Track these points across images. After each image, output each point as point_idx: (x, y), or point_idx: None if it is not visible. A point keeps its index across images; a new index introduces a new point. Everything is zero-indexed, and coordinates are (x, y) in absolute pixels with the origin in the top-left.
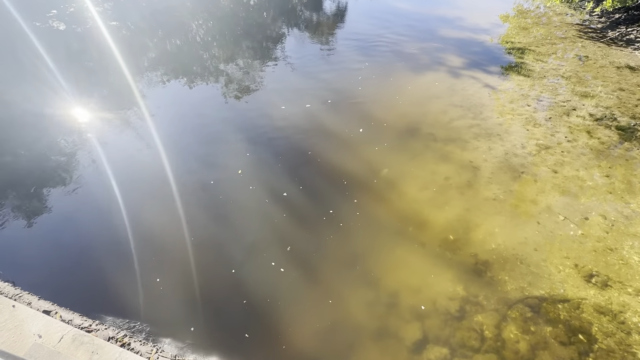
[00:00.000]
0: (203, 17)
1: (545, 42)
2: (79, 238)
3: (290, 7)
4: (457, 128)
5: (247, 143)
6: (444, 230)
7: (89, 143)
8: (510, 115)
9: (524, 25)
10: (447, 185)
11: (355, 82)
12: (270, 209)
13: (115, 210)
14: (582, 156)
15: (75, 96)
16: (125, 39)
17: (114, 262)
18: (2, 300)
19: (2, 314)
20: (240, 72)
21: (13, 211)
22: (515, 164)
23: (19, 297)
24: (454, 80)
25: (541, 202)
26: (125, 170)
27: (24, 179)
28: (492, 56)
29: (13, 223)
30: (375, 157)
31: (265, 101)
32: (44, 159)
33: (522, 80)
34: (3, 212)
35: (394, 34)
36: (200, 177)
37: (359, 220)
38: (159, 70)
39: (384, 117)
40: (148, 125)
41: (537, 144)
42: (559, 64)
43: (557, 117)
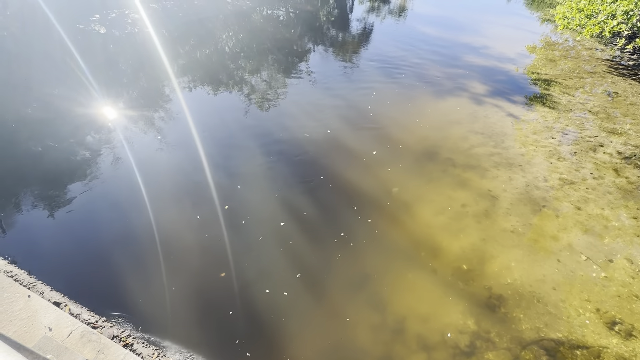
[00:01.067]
0: (233, 30)
1: (572, 76)
2: (96, 232)
3: (317, 25)
4: (477, 155)
5: (263, 153)
6: (457, 258)
7: (114, 140)
8: (534, 147)
9: (551, 57)
10: (463, 212)
11: (376, 101)
12: (282, 223)
13: (135, 208)
14: (608, 195)
15: (105, 95)
16: (159, 45)
17: (128, 259)
18: (19, 290)
19: (17, 303)
20: (264, 83)
21: (36, 200)
22: (536, 197)
23: (33, 286)
24: (476, 107)
25: (562, 239)
26: (146, 168)
27: (51, 169)
28: (517, 86)
29: (35, 212)
30: (391, 178)
31: (284, 113)
32: (72, 152)
33: (547, 112)
34: (27, 201)
35: (418, 57)
36: (216, 183)
37: (371, 240)
38: (187, 76)
39: (403, 138)
40: (171, 127)
41: (560, 178)
42: (587, 99)
43: (583, 152)
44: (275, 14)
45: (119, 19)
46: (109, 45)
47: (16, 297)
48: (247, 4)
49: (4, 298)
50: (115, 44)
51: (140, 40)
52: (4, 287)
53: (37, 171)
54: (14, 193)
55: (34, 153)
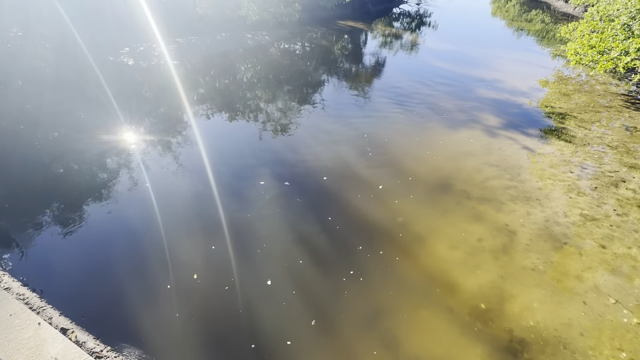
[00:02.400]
0: (252, 62)
1: (588, 110)
2: (109, 257)
3: (332, 58)
4: (492, 188)
5: (275, 180)
6: (475, 296)
7: (133, 165)
8: (551, 181)
9: (564, 91)
10: (479, 247)
11: (389, 132)
12: (291, 251)
13: (148, 235)
14: (635, 233)
15: (128, 122)
16: (182, 75)
17: (137, 287)
18: (30, 317)
19: (27, 330)
20: (279, 112)
21: (53, 221)
22: (556, 233)
23: (43, 310)
24: (490, 139)
25: (587, 279)
26: (162, 193)
27: (70, 191)
28: (531, 119)
29: (51, 233)
30: (403, 209)
31: (298, 141)
32: (92, 175)
33: (563, 146)
34: (44, 222)
35: (430, 89)
36: (229, 211)
37: (383, 273)
38: (206, 104)
39: (416, 169)
40: (188, 152)
41: (581, 214)
42: (604, 132)
43: (604, 187)
44: (292, 48)
45: (146, 52)
46: (136, 75)
47: (27, 325)
48: (266, 38)
49: (15, 325)
50: (141, 74)
51: (164, 71)
52: (16, 313)
53: (57, 192)
54: (32, 213)
55: (56, 175)
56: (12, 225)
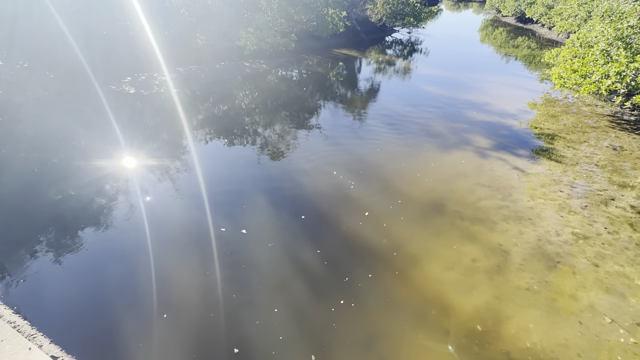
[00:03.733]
0: (250, 89)
1: (575, 130)
2: (101, 285)
3: (327, 84)
4: (485, 208)
5: (270, 203)
6: (471, 318)
7: (130, 191)
8: (542, 200)
9: (552, 113)
10: (474, 267)
11: (382, 154)
12: (283, 274)
13: (143, 263)
14: (627, 251)
15: (128, 147)
16: (181, 103)
17: (128, 315)
18: (20, 341)
19: (17, 356)
20: (276, 136)
21: (46, 248)
22: (550, 252)
23: (33, 338)
24: (481, 160)
25: (582, 298)
26: (157, 220)
27: (67, 217)
28: (521, 140)
29: (44, 260)
30: (397, 231)
31: (293, 165)
32: (89, 201)
33: (553, 165)
34: (38, 248)
35: (422, 113)
36: (225, 234)
37: (376, 296)
38: (205, 129)
39: (409, 190)
40: (186, 177)
41: (573, 233)
42: (592, 152)
43: (594, 205)
44: (288, 75)
45: (147, 81)
46: (137, 103)
47: (17, 350)
48: (264, 66)
49: (6, 350)
50: (142, 102)
51: (165, 99)
52: (7, 338)
53: (52, 218)
54: (26, 239)
55: (53, 201)
56: (5, 251)
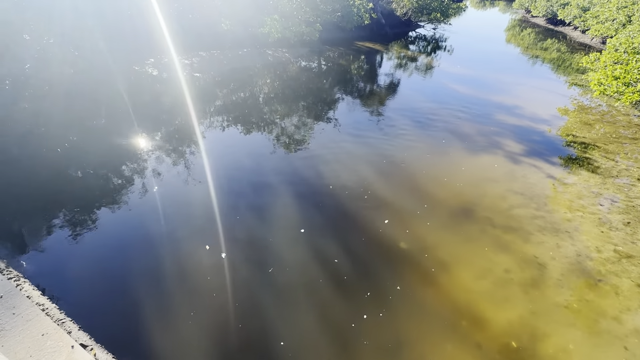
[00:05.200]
0: (271, 78)
1: (611, 140)
2: (125, 266)
3: (350, 77)
4: (517, 217)
5: (291, 197)
6: (504, 333)
7: (147, 171)
8: (580, 212)
9: (585, 120)
10: (507, 279)
11: (409, 153)
12: (309, 273)
13: (165, 245)
14: None
15: (145, 129)
16: (202, 87)
17: (154, 298)
18: (63, 338)
19: (60, 355)
20: (293, 127)
21: (70, 226)
22: (590, 269)
23: (62, 323)
24: (513, 165)
25: (627, 322)
26: (175, 200)
27: (86, 195)
28: (553, 147)
29: (67, 239)
30: (426, 234)
31: (317, 160)
32: (106, 179)
33: (589, 177)
34: (61, 228)
35: (449, 113)
36: (243, 225)
37: (405, 300)
38: (223, 115)
39: (437, 192)
40: (201, 161)
41: (615, 250)
42: (631, 165)
43: (638, 223)
44: (310, 65)
45: (170, 64)
46: (157, 85)
47: (60, 348)
48: (286, 55)
49: (47, 347)
50: (162, 84)
51: (187, 83)
52: (48, 333)
53: (73, 196)
54: (48, 217)
55: (73, 178)
56: (29, 226)
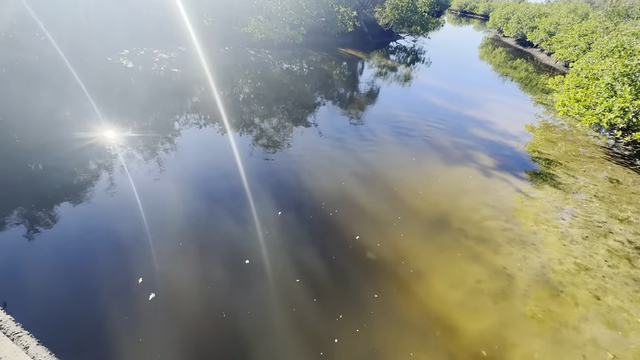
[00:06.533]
0: (252, 78)
1: (573, 158)
2: (89, 273)
3: (330, 82)
4: (489, 228)
5: (262, 201)
6: (476, 342)
7: (114, 167)
8: (545, 226)
9: (549, 138)
10: (479, 289)
11: (388, 162)
12: (282, 279)
13: (130, 245)
14: (626, 286)
15: (114, 123)
16: (180, 83)
17: (121, 311)
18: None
19: None
20: (272, 129)
21: (26, 228)
22: (553, 281)
23: (18, 337)
24: (485, 178)
25: (585, 331)
26: (146, 200)
27: (47, 192)
28: (522, 162)
29: (23, 242)
30: (402, 242)
31: (289, 161)
32: (71, 174)
33: (554, 192)
34: (15, 230)
35: (427, 124)
36: (219, 227)
37: (380, 309)
38: (200, 113)
39: (414, 202)
40: (175, 160)
41: (575, 263)
42: (589, 182)
43: (594, 237)
44: (293, 68)
45: (146, 56)
46: (131, 78)
47: None
48: (269, 57)
49: None
50: (137, 77)
51: (163, 77)
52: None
53: (33, 192)
54: (6, 218)
55: (34, 172)
56: None
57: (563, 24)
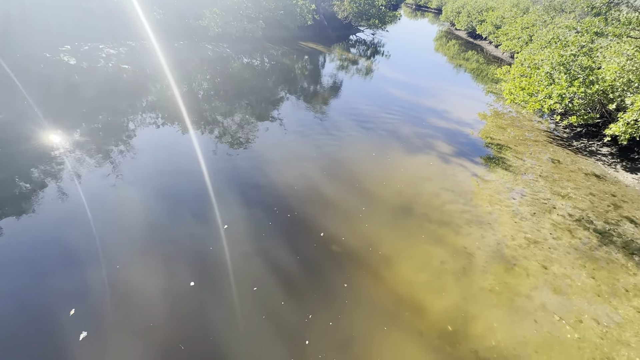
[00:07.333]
0: (211, 73)
1: (520, 142)
2: (34, 292)
3: (292, 76)
4: (450, 212)
5: (225, 199)
6: (442, 319)
7: (59, 174)
8: (499, 206)
9: (500, 124)
10: (442, 269)
11: (352, 153)
12: (251, 274)
13: (82, 257)
14: (568, 255)
15: (58, 126)
16: (131, 80)
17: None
18: None
19: None
20: (235, 125)
21: None
22: (507, 256)
23: None
24: (444, 165)
25: (535, 298)
26: (97, 204)
27: None
28: (476, 148)
29: None
30: (369, 232)
31: (255, 157)
32: (10, 184)
33: (505, 174)
34: None
35: (389, 115)
36: (184, 230)
37: (352, 297)
38: (156, 112)
39: (380, 192)
40: (130, 163)
41: (525, 238)
42: (535, 163)
43: (541, 213)
44: (254, 63)
45: (91, 52)
46: (74, 76)
47: None
48: (227, 51)
49: None
50: (81, 75)
51: (113, 75)
52: None
53: None
54: None
55: None
56: None
57: (507, 17)
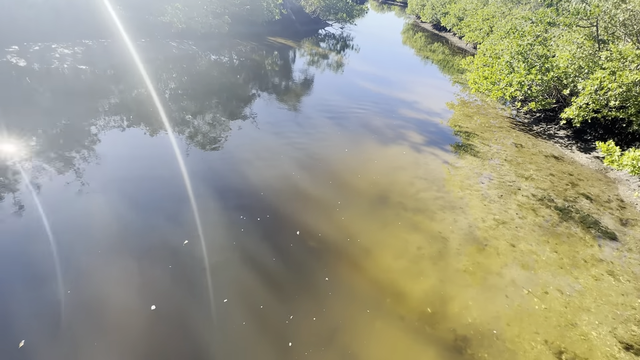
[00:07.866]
0: (177, 72)
1: (486, 129)
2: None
3: (262, 72)
4: (424, 199)
5: (202, 206)
6: (421, 302)
7: (17, 183)
8: (469, 191)
9: (467, 113)
10: (420, 255)
11: (326, 147)
12: (234, 272)
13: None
14: (533, 232)
15: (10, 132)
16: (90, 81)
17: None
18: None
19: None
20: (206, 125)
21: None
22: (479, 237)
23: None
24: (417, 154)
25: (506, 275)
26: (58, 215)
27: None
28: (446, 136)
29: None
30: (348, 223)
31: (234, 158)
32: None
33: (473, 160)
34: None
35: (361, 108)
36: (158, 235)
37: (334, 288)
38: (120, 115)
39: (356, 183)
40: (95, 170)
41: (494, 219)
42: (500, 149)
43: (507, 195)
44: (221, 60)
45: (42, 52)
46: (25, 78)
47: None
48: (193, 48)
49: None
50: (33, 78)
51: (69, 76)
52: None
53: None
54: None
55: None
56: None
57: (469, 9)
